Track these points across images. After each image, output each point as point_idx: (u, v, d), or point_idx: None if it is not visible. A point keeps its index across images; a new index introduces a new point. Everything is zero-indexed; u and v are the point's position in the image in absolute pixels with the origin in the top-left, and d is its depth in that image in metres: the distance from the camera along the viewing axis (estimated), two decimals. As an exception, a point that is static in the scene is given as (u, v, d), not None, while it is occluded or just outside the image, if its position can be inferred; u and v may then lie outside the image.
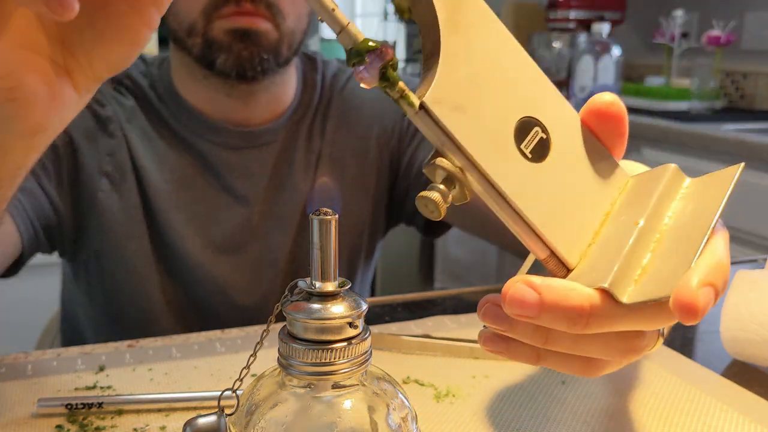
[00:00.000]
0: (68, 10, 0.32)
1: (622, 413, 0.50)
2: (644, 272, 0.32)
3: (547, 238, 0.33)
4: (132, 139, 0.79)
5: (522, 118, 0.34)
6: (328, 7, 0.31)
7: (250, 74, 0.76)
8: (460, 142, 0.32)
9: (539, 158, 0.34)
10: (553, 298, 0.31)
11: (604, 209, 0.36)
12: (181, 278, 0.81)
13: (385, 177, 0.88)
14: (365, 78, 0.31)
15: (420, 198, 0.32)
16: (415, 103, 0.31)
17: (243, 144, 0.81)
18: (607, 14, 2.48)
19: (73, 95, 0.40)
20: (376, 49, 0.31)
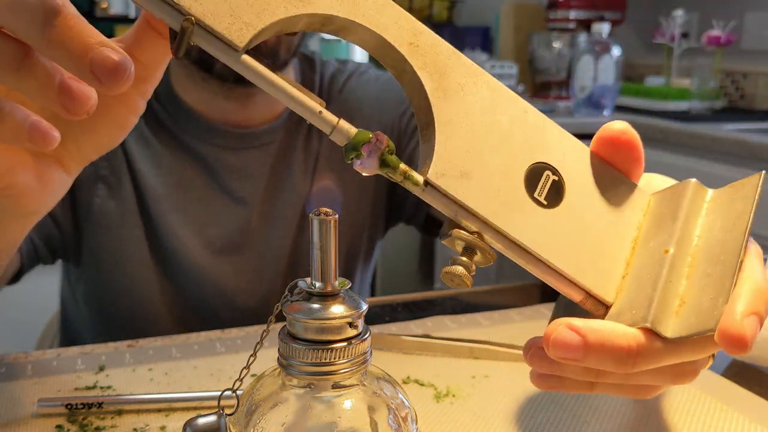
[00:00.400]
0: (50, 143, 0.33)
1: (622, 413, 0.50)
2: (683, 302, 0.32)
3: (579, 281, 0.33)
4: (128, 143, 0.79)
5: (530, 166, 0.34)
6: (315, 110, 0.31)
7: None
8: (472, 208, 0.32)
9: (556, 202, 0.34)
10: (597, 340, 0.31)
11: (631, 236, 0.35)
12: (180, 281, 0.80)
13: (383, 177, 0.88)
14: (366, 168, 0.32)
15: (445, 274, 0.32)
16: (420, 181, 0.32)
17: (241, 145, 0.81)
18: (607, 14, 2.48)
19: (63, 177, 0.42)
20: (371, 139, 0.31)
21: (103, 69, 0.29)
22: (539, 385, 0.36)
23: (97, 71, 0.29)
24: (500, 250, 0.33)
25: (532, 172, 0.33)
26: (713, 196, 0.35)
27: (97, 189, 0.78)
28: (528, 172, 0.33)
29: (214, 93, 0.79)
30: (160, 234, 0.79)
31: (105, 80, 0.29)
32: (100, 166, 0.78)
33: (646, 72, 2.57)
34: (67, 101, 0.31)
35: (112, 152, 0.78)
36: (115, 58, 0.29)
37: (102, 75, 0.29)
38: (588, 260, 0.33)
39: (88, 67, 0.29)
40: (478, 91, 0.33)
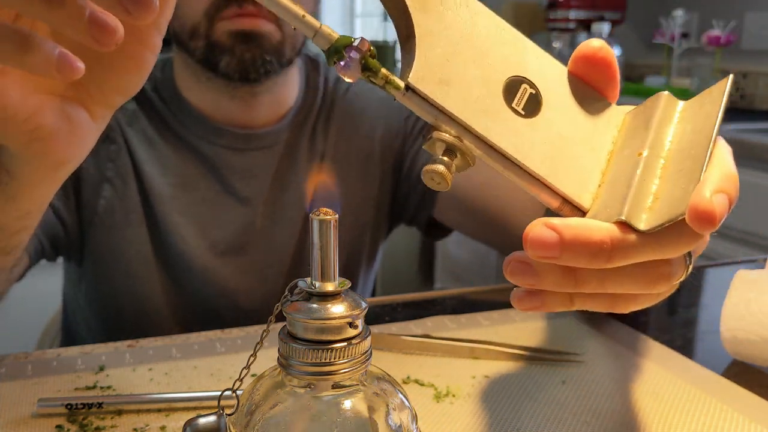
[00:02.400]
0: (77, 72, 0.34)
1: (622, 413, 0.50)
2: (656, 198, 0.33)
3: (555, 186, 0.34)
4: (133, 144, 0.79)
5: (508, 78, 0.34)
6: (299, 14, 0.31)
7: (253, 76, 0.76)
8: (452, 112, 0.32)
9: (533, 113, 0.34)
10: (572, 235, 0.31)
11: (606, 149, 0.36)
12: (183, 281, 0.80)
13: (388, 179, 0.88)
14: (348, 72, 0.32)
15: (425, 172, 0.32)
16: (401, 85, 0.32)
17: (246, 146, 0.81)
18: (607, 14, 2.48)
19: (90, 124, 0.42)
20: (352, 42, 0.32)
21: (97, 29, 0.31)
22: (521, 305, 0.36)
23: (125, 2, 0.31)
24: (479, 156, 0.33)
25: (509, 84, 0.34)
26: (684, 107, 0.37)
27: (102, 190, 0.78)
28: (506, 84, 0.34)
29: (219, 93, 0.79)
30: (164, 234, 0.79)
31: (133, 10, 0.31)
32: (105, 168, 0.78)
33: (646, 72, 2.57)
34: (96, 32, 0.32)
35: (118, 153, 0.79)
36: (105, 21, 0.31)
37: (130, 5, 0.31)
38: (565, 168, 0.34)
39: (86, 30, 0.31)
40: (458, 7, 0.34)
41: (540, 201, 0.35)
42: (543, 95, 0.35)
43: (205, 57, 0.75)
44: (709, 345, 0.64)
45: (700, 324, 0.70)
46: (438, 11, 0.34)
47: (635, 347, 0.61)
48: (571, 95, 0.36)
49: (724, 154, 0.34)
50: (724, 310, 0.59)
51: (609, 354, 0.60)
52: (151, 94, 0.82)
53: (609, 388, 0.54)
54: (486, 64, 0.34)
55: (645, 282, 0.34)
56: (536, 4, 2.73)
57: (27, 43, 0.33)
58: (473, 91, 0.33)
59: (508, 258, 0.35)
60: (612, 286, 0.34)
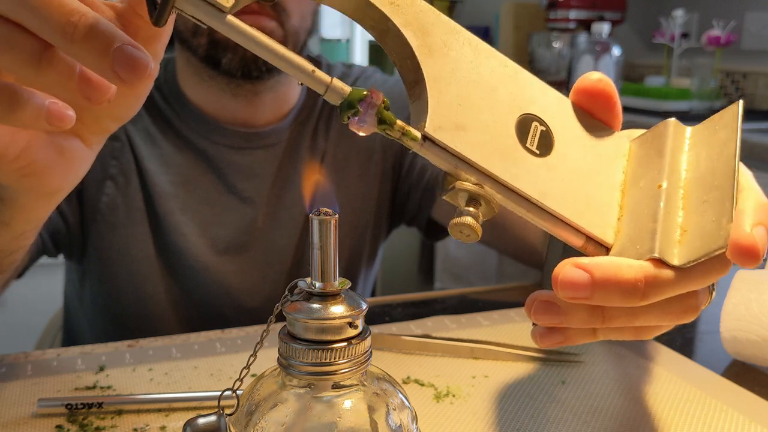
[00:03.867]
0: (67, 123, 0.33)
1: (622, 413, 0.50)
2: (684, 231, 0.32)
3: (579, 225, 0.34)
4: (136, 142, 0.79)
5: (518, 117, 0.34)
6: (308, 69, 0.30)
7: (255, 74, 0.76)
8: (471, 159, 0.32)
9: (546, 151, 0.34)
10: (604, 275, 0.31)
11: (619, 180, 0.36)
12: (185, 280, 0.80)
13: (388, 179, 0.88)
14: (364, 126, 0.31)
15: (454, 225, 0.32)
16: (418, 136, 0.32)
17: (248, 145, 0.81)
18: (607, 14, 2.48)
19: (85, 151, 0.42)
20: (367, 96, 0.31)
21: (125, 68, 0.29)
22: (543, 342, 0.35)
23: (119, 70, 0.30)
24: (500, 201, 0.33)
25: (520, 123, 0.34)
26: (693, 132, 0.36)
27: (105, 187, 0.78)
28: (518, 123, 0.34)
29: (222, 91, 0.79)
30: (166, 233, 0.79)
31: (127, 77, 0.30)
32: (109, 165, 0.78)
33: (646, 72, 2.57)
34: (88, 91, 0.31)
35: (121, 151, 0.79)
36: (136, 56, 0.30)
37: (124, 73, 0.30)
38: (584, 205, 0.34)
39: (110, 67, 0.29)
40: (461, 48, 0.34)
41: (564, 240, 0.34)
42: (553, 131, 0.35)
43: (207, 54, 0.75)
44: (709, 345, 0.64)
45: (700, 324, 0.70)
46: (443, 53, 0.33)
47: (635, 347, 0.61)
48: (578, 127, 0.36)
49: (751, 181, 0.33)
50: (724, 310, 0.59)
51: (609, 354, 0.60)
52: (153, 93, 0.82)
53: (609, 388, 0.54)
54: (496, 104, 0.34)
55: (674, 315, 0.34)
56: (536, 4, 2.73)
57: (14, 99, 0.32)
58: (488, 134, 0.33)
59: (531, 297, 0.34)
60: (640, 320, 0.34)
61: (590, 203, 0.34)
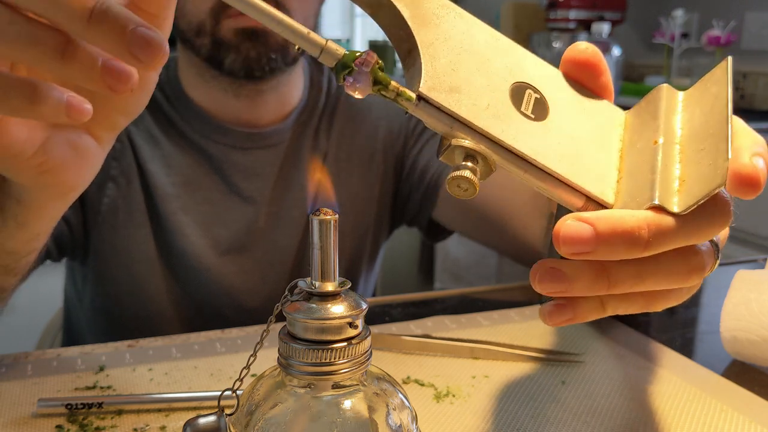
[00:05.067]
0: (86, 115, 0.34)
1: (622, 413, 0.50)
2: (682, 181, 0.33)
3: (578, 184, 0.34)
4: (137, 142, 0.79)
5: (512, 85, 0.35)
6: (303, 32, 0.31)
7: (258, 74, 0.76)
8: (467, 119, 0.32)
9: (542, 116, 0.35)
10: (607, 226, 0.31)
11: (616, 147, 0.36)
12: (186, 280, 0.80)
13: (390, 179, 0.88)
14: (359, 87, 0.32)
15: (452, 179, 0.31)
16: (413, 96, 0.32)
17: (250, 144, 0.81)
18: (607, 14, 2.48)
19: (97, 149, 0.43)
20: (361, 56, 0.31)
21: (141, 48, 0.30)
22: (552, 319, 0.35)
23: (135, 51, 0.30)
24: (498, 162, 0.33)
25: (515, 90, 0.34)
26: (686, 95, 0.37)
27: (106, 189, 0.78)
28: (511, 90, 0.34)
29: (224, 91, 0.79)
30: (167, 233, 0.79)
31: (143, 58, 0.31)
32: (110, 166, 0.78)
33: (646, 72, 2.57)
34: (111, 80, 0.32)
35: (122, 152, 0.79)
36: (150, 36, 0.31)
37: (140, 54, 0.31)
38: (583, 167, 0.34)
39: (127, 48, 0.30)
40: (453, 20, 0.35)
41: (563, 203, 0.34)
42: (547, 99, 0.35)
43: (210, 55, 0.75)
44: (709, 345, 0.64)
45: (700, 324, 0.70)
46: (436, 24, 0.34)
47: (635, 347, 0.61)
48: (573, 96, 0.37)
49: (745, 126, 0.34)
50: (724, 310, 0.59)
51: (609, 354, 0.60)
52: (155, 93, 0.82)
53: (609, 388, 0.54)
54: (490, 71, 0.34)
55: (680, 276, 0.34)
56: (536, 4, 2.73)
57: (35, 93, 0.32)
58: (483, 98, 0.33)
59: (536, 266, 0.34)
60: (646, 283, 0.33)
61: (588, 165, 0.34)
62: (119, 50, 0.31)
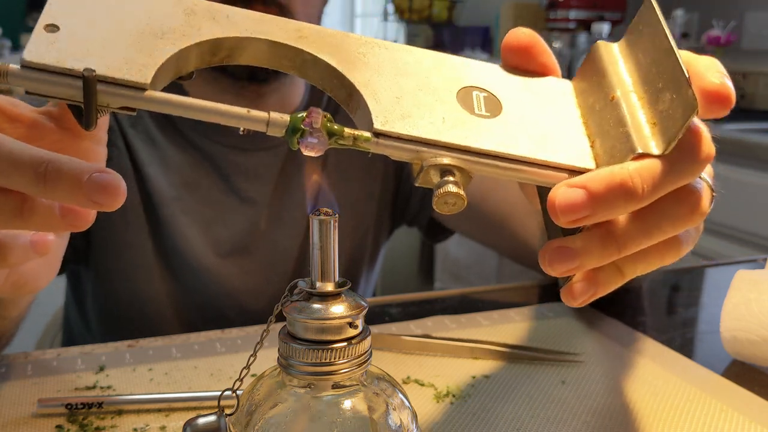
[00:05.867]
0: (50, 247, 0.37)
1: (622, 413, 0.50)
2: (653, 124, 0.33)
3: (555, 162, 0.34)
4: (135, 145, 0.79)
5: (458, 91, 0.35)
6: (243, 113, 0.31)
7: (261, 76, 0.76)
8: (429, 138, 0.32)
9: (496, 112, 0.35)
10: (599, 185, 0.31)
11: (577, 115, 0.37)
12: (186, 282, 0.80)
13: (390, 180, 0.88)
14: (317, 144, 0.31)
15: (439, 197, 0.31)
16: (369, 137, 0.32)
17: (251, 146, 0.81)
18: (607, 14, 2.48)
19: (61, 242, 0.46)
20: (307, 116, 0.31)
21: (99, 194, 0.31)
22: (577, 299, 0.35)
23: (95, 198, 0.31)
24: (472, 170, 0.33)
25: (461, 97, 0.35)
26: (620, 45, 0.38)
27: None
28: (458, 97, 0.35)
29: (225, 92, 0.79)
30: (167, 235, 0.79)
31: (104, 202, 0.32)
32: None
33: (646, 72, 2.57)
34: (72, 220, 0.34)
35: (118, 156, 0.78)
36: (107, 181, 0.31)
37: (101, 199, 0.31)
38: (554, 144, 0.35)
39: (87, 198, 0.31)
40: (378, 53, 0.35)
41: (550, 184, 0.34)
42: (496, 94, 0.36)
43: None
44: (709, 345, 0.64)
45: (700, 324, 0.70)
46: (363, 62, 0.34)
47: (635, 347, 0.61)
48: (518, 84, 0.37)
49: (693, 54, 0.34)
50: (724, 310, 0.59)
51: (609, 354, 0.60)
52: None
53: (609, 388, 0.54)
54: (432, 88, 0.35)
55: (683, 217, 0.34)
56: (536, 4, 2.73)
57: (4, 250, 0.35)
58: (436, 114, 0.33)
59: (543, 250, 0.34)
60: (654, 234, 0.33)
61: (558, 141, 0.35)
62: (79, 201, 0.32)
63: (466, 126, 0.33)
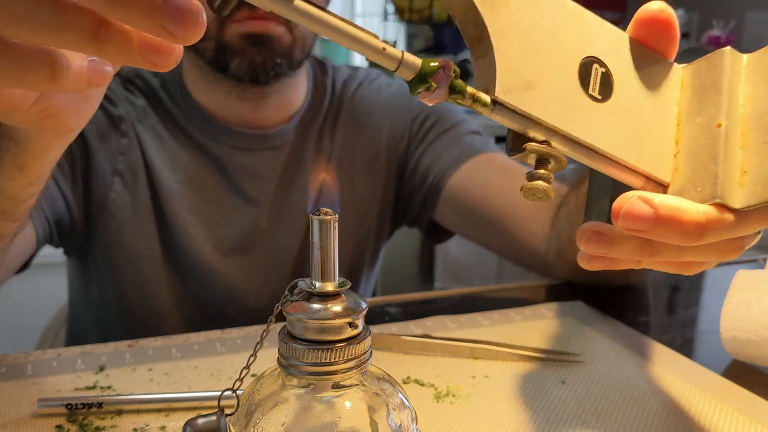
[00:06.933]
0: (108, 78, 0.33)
1: (622, 413, 0.50)
2: (744, 172, 0.33)
3: (640, 168, 0.34)
4: (144, 139, 0.79)
5: (581, 62, 0.34)
6: (379, 47, 0.30)
7: (262, 78, 0.76)
8: (541, 119, 0.32)
9: (607, 95, 0.35)
10: (669, 214, 0.32)
11: (673, 113, 0.36)
12: (189, 279, 0.81)
13: (392, 181, 0.88)
14: (435, 97, 0.31)
15: (527, 190, 0.32)
16: (488, 101, 0.32)
17: (254, 146, 0.81)
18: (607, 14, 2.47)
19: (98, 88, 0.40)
20: (440, 68, 0.30)
21: (174, 23, 0.28)
22: (590, 264, 0.36)
23: (168, 26, 0.28)
24: (567, 153, 0.34)
25: (582, 68, 0.34)
26: (749, 61, 0.36)
27: (113, 183, 0.78)
28: (580, 69, 0.34)
29: (228, 93, 0.79)
30: (172, 231, 0.79)
31: (178, 33, 0.28)
32: (117, 161, 0.78)
33: (646, 72, 2.57)
34: (151, 57, 0.30)
35: (129, 147, 0.79)
36: (183, 8, 0.28)
37: (174, 28, 0.28)
38: (644, 146, 0.35)
39: (159, 24, 0.28)
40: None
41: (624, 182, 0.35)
42: (613, 72, 0.35)
43: (215, 58, 0.75)
44: (709, 345, 0.64)
45: (700, 324, 0.70)
46: (505, 4, 0.32)
47: (635, 347, 0.61)
48: (636, 64, 0.36)
49: None
50: (724, 310, 0.59)
51: (609, 354, 0.60)
52: (159, 92, 0.82)
53: (609, 388, 0.54)
54: (559, 51, 0.34)
55: (721, 253, 0.35)
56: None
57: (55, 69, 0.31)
58: (555, 87, 0.33)
59: (583, 228, 0.35)
60: (686, 256, 0.34)
61: (648, 143, 0.35)
62: (151, 27, 0.28)
63: (578, 110, 0.33)
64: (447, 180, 0.83)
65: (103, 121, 0.78)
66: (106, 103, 0.79)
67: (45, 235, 0.74)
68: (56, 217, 0.75)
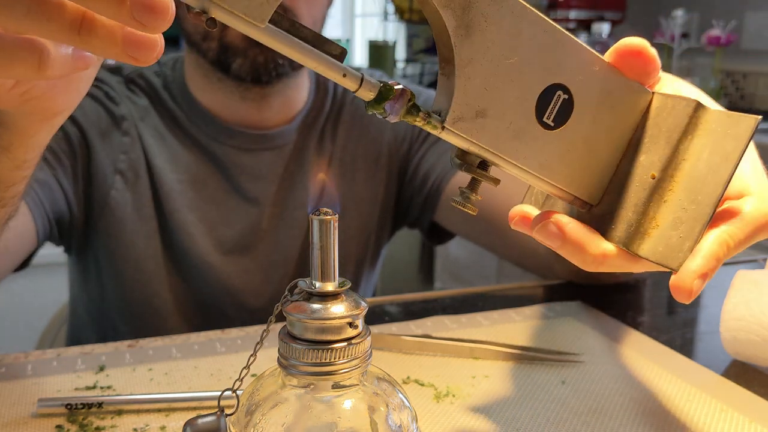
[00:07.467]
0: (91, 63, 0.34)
1: (622, 413, 0.50)
2: (656, 226, 0.35)
3: (572, 191, 0.37)
4: (146, 138, 0.80)
5: (544, 89, 0.35)
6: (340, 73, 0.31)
7: (264, 78, 0.76)
8: (487, 147, 0.34)
9: (561, 122, 0.36)
10: (574, 242, 0.36)
11: (626, 138, 0.38)
12: (190, 279, 0.81)
13: (393, 182, 0.89)
14: (389, 117, 0.33)
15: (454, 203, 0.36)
16: (438, 126, 0.33)
17: (256, 146, 0.81)
18: (607, 14, 2.48)
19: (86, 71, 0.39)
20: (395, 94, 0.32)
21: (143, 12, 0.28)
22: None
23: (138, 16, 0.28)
24: (507, 171, 0.36)
25: (544, 95, 0.35)
26: (710, 119, 0.36)
27: (114, 182, 0.78)
28: (540, 96, 0.35)
29: (230, 93, 0.79)
30: (172, 230, 0.79)
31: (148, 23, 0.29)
32: (118, 160, 0.78)
33: (646, 72, 2.57)
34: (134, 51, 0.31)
35: (131, 146, 0.79)
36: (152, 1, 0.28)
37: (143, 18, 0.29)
38: (582, 173, 0.37)
39: (129, 14, 0.28)
40: (501, 19, 0.33)
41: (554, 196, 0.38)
42: (576, 99, 0.36)
43: (217, 58, 0.75)
44: (709, 345, 0.64)
45: (700, 324, 0.70)
46: (482, 29, 0.33)
47: (635, 347, 0.61)
48: (604, 91, 0.36)
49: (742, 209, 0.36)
50: (724, 310, 0.59)
51: (609, 354, 0.59)
52: (161, 91, 0.82)
53: (609, 388, 0.54)
54: (524, 78, 0.34)
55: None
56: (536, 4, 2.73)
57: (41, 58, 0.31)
58: (507, 116, 0.34)
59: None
60: None
61: (587, 168, 0.37)
62: (121, 17, 0.29)
63: (525, 137, 0.35)
64: (448, 182, 0.83)
65: (105, 119, 0.79)
66: (109, 102, 0.79)
67: (45, 231, 0.74)
68: (57, 213, 0.75)
